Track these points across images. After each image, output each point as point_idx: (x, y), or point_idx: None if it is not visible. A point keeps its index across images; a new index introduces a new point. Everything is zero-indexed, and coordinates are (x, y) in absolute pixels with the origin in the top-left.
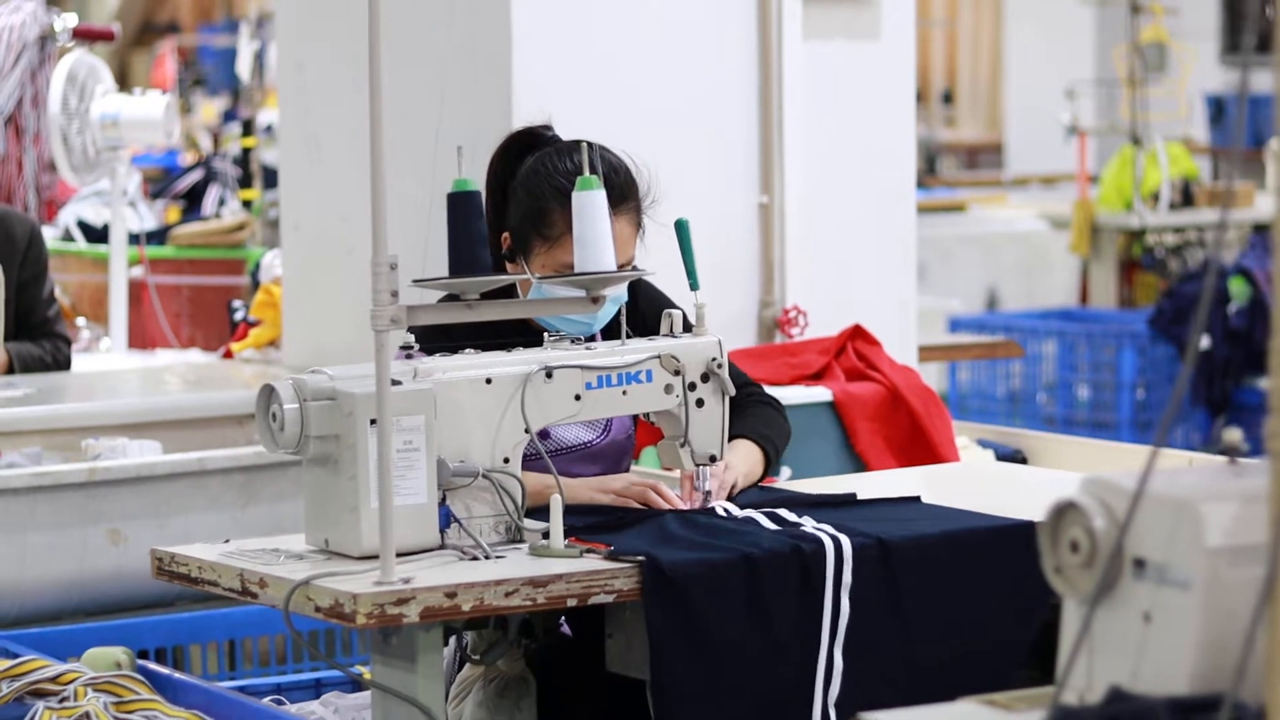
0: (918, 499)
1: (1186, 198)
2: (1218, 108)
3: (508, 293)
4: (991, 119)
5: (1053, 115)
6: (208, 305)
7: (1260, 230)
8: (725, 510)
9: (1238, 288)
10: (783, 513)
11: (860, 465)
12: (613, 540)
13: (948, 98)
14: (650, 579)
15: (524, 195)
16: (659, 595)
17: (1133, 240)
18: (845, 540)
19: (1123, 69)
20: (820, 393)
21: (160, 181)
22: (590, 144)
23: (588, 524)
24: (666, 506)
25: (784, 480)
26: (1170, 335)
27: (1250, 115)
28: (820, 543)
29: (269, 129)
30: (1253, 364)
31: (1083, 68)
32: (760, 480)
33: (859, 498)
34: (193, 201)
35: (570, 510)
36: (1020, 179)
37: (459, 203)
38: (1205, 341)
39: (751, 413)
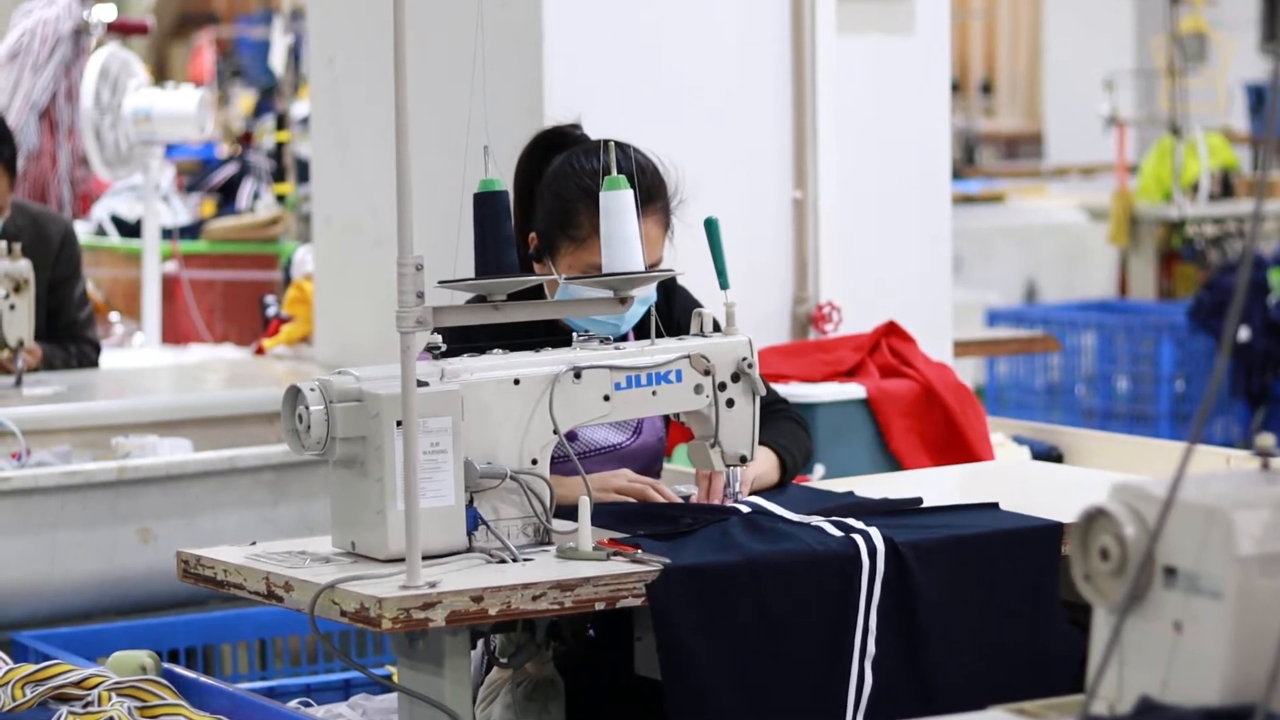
0: (996, 505)
1: (1226, 188)
2: (1258, 97)
3: (535, 293)
4: (1030, 109)
5: (1092, 105)
6: (241, 300)
7: None
8: (789, 517)
9: (1278, 279)
10: (850, 521)
11: (894, 463)
12: (659, 547)
13: (986, 88)
14: (659, 583)
15: (551, 196)
16: (668, 599)
17: (1172, 231)
18: (881, 546)
19: (1162, 59)
20: (854, 390)
21: (197, 174)
22: (618, 143)
23: (653, 531)
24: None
25: (817, 479)
26: (1209, 327)
27: None
28: (857, 551)
29: (304, 122)
30: None
31: (1122, 58)
32: (779, 486)
33: (925, 504)
34: (227, 195)
35: (631, 518)
36: (1059, 169)
37: (485, 203)
38: (1245, 333)
39: (776, 425)
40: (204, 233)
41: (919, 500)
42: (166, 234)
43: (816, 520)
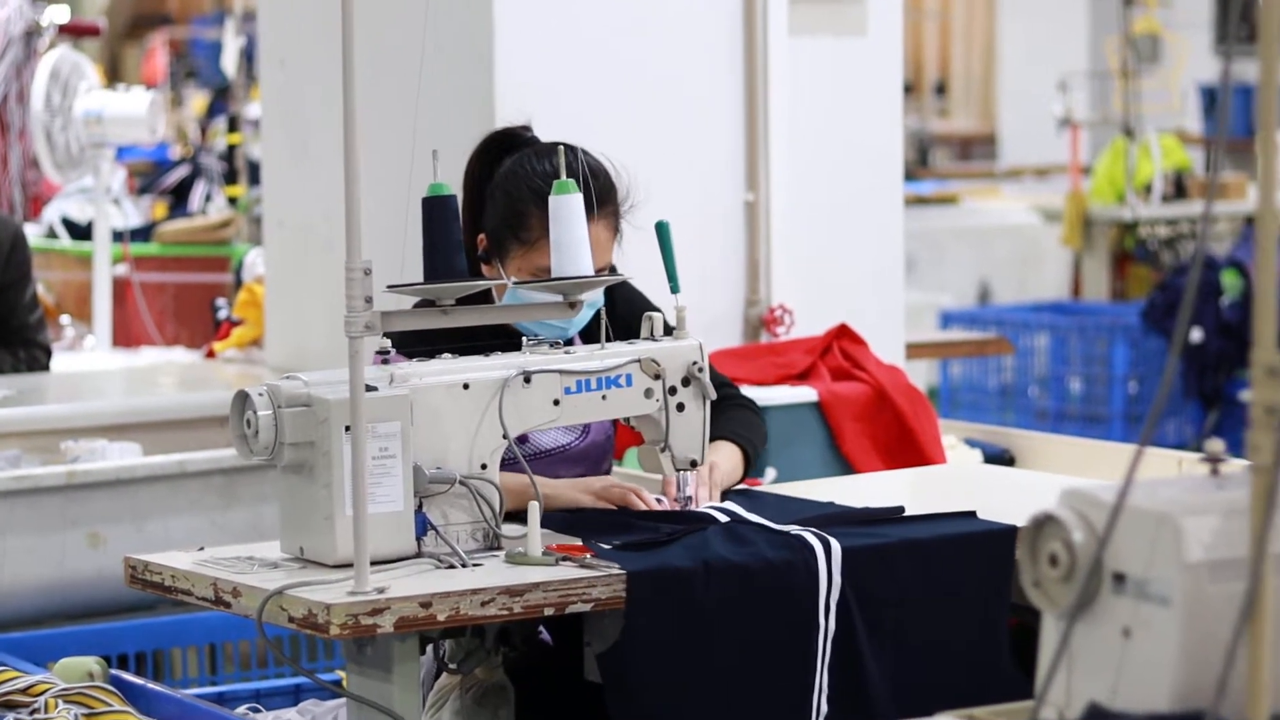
0: (973, 514)
1: (1179, 189)
2: (1211, 99)
3: (485, 296)
4: (985, 110)
5: (1046, 107)
6: (193, 303)
7: (1253, 222)
8: (773, 526)
9: (1230, 280)
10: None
11: (846, 466)
12: (617, 554)
13: (941, 89)
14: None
15: (501, 197)
16: (635, 601)
17: (1125, 233)
18: (837, 552)
19: (1115, 60)
20: (806, 393)
21: (149, 175)
22: (569, 146)
23: (629, 541)
24: (643, 509)
25: (769, 482)
26: (1163, 328)
27: (1243, 105)
28: (814, 556)
29: (256, 124)
30: (1245, 357)
31: (1076, 59)
32: (739, 481)
33: (906, 512)
34: (179, 197)
35: (610, 527)
36: (1013, 170)
37: (434, 207)
38: (1198, 334)
39: (730, 414)
40: (155, 235)
41: (901, 509)
42: (117, 236)
43: (796, 529)
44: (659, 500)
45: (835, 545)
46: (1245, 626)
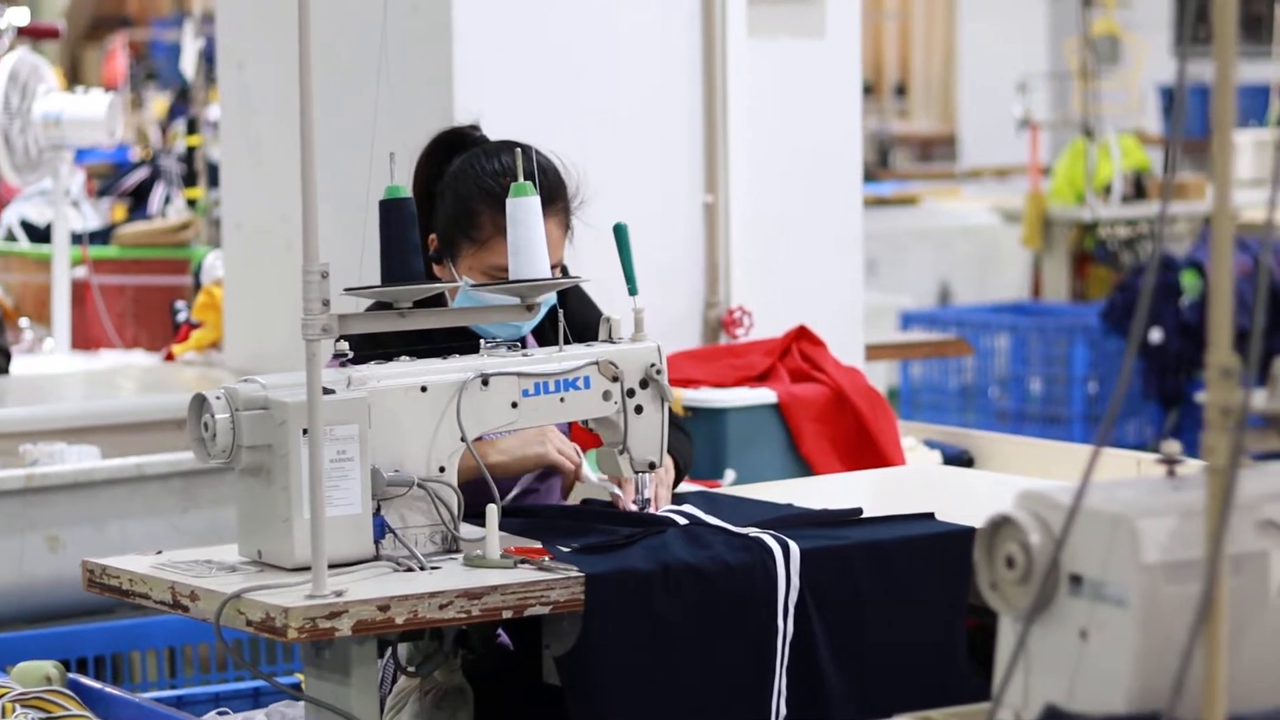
0: (932, 515)
1: (1139, 190)
2: (1170, 99)
3: (441, 298)
4: (945, 111)
5: (1005, 108)
6: (152, 305)
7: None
8: (731, 529)
9: (1190, 281)
10: (785, 534)
11: (805, 468)
12: (577, 556)
13: (901, 90)
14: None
15: (451, 197)
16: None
17: (1085, 233)
18: (795, 554)
19: (1075, 61)
20: (765, 394)
21: (109, 178)
22: (519, 145)
23: (588, 544)
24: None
25: (728, 484)
26: (1122, 329)
27: (1201, 106)
28: (773, 558)
29: (216, 126)
30: (1205, 358)
31: (1036, 60)
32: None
33: (864, 514)
34: (139, 200)
35: (569, 529)
36: (974, 171)
37: (391, 209)
38: (1158, 335)
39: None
40: (114, 238)
41: (859, 511)
42: (77, 239)
43: (755, 532)
44: (615, 492)
45: (794, 547)
46: (1201, 628)
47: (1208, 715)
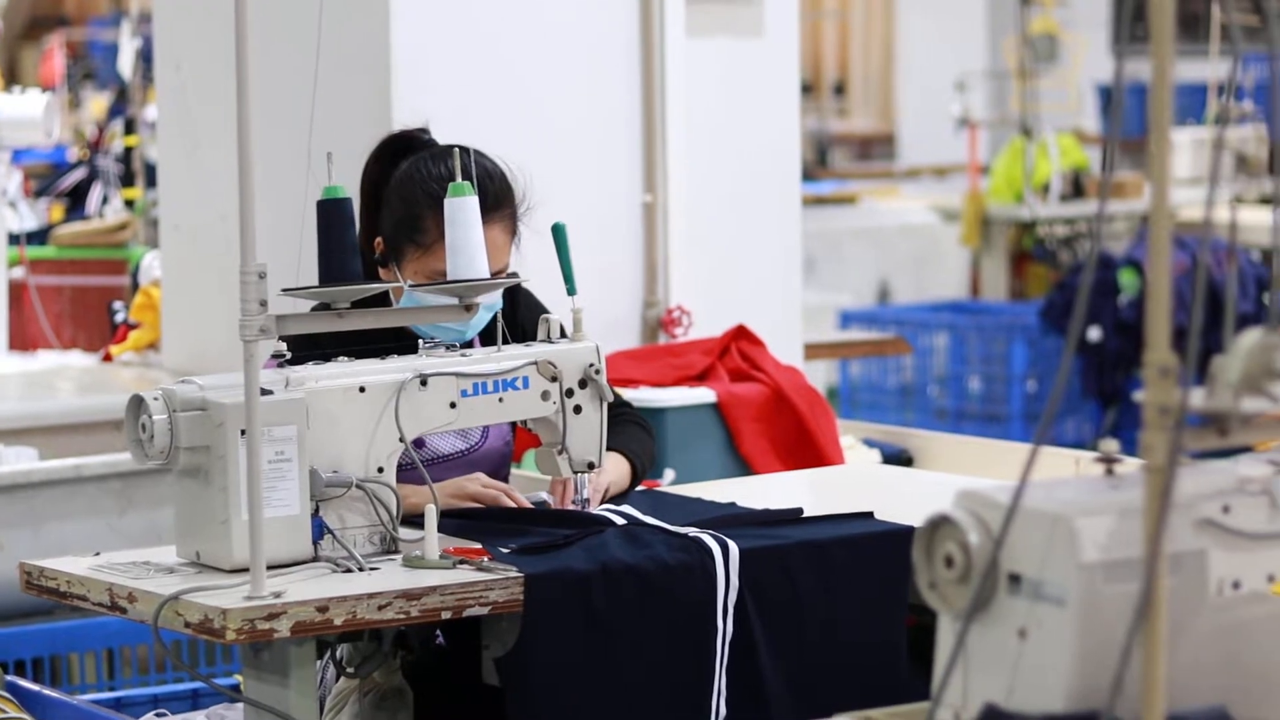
0: (871, 514)
1: (1077, 189)
2: (1108, 98)
3: (380, 300)
4: (884, 110)
5: (944, 106)
6: (90, 306)
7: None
8: (669, 528)
9: (1128, 279)
10: (724, 534)
11: (745, 467)
12: (516, 557)
13: (840, 89)
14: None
15: (397, 201)
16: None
17: (1024, 232)
18: (735, 554)
19: (1013, 60)
20: (704, 394)
21: (47, 178)
22: (465, 148)
23: (526, 544)
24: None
25: (668, 483)
26: (1061, 327)
27: (1139, 105)
28: (712, 558)
29: (154, 126)
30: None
31: (974, 59)
32: (630, 489)
33: (805, 514)
34: (76, 200)
35: (508, 530)
36: (913, 170)
37: (329, 210)
38: (1096, 333)
39: (622, 430)
40: (52, 238)
41: (799, 511)
42: (14, 239)
43: (694, 532)
44: (544, 500)
45: (733, 547)
46: (1140, 626)
47: (1146, 714)
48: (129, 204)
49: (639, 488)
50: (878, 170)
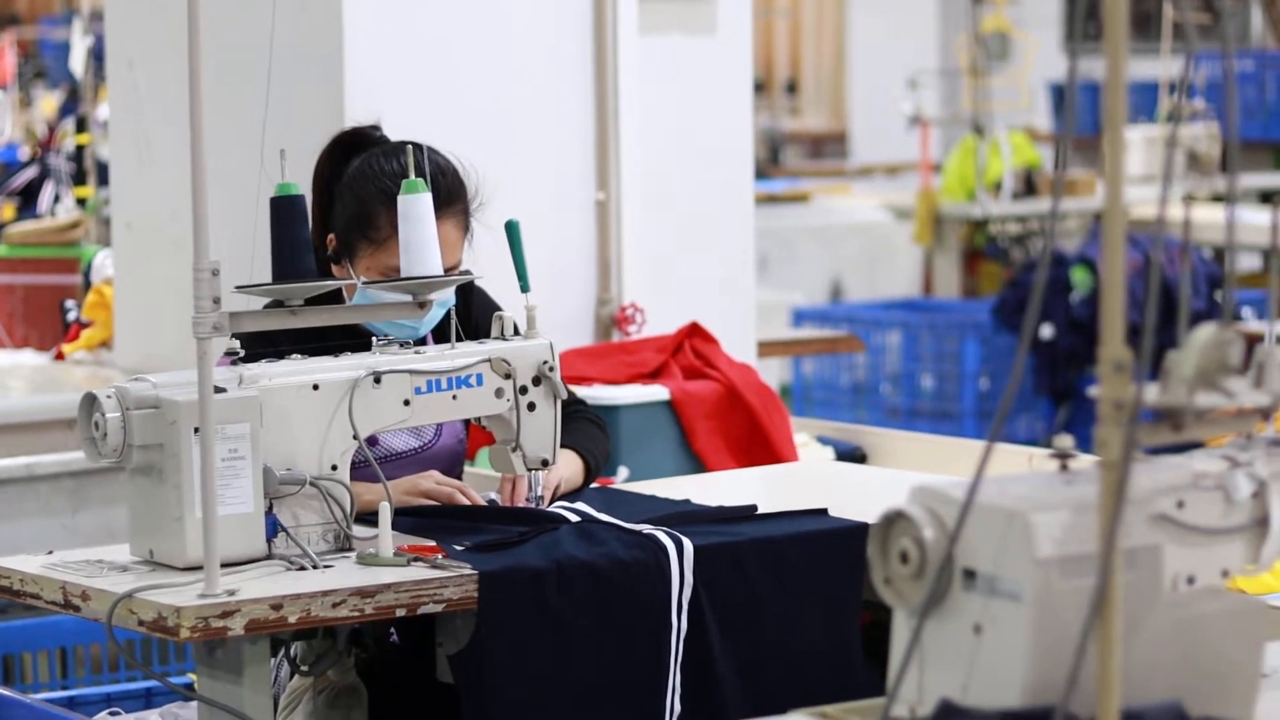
0: (825, 511)
1: (1029, 187)
2: (1060, 96)
3: (334, 297)
4: (835, 109)
5: (896, 104)
6: (42, 305)
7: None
8: (624, 525)
9: (1080, 277)
10: (678, 531)
11: (698, 464)
12: (472, 555)
13: (792, 87)
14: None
15: (350, 197)
16: (485, 602)
17: (976, 230)
18: (688, 549)
19: (965, 58)
20: (657, 391)
21: None
22: (417, 145)
23: (481, 541)
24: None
25: (621, 481)
26: (1013, 325)
27: (1091, 103)
28: (666, 556)
29: (105, 124)
30: (1096, 353)
31: (926, 57)
32: (583, 487)
33: (759, 510)
34: (28, 199)
35: (463, 527)
36: (865, 168)
37: (282, 207)
38: (1049, 331)
39: (577, 427)
40: (3, 237)
41: (754, 508)
42: None
43: (648, 529)
44: (493, 499)
45: (687, 544)
46: (1095, 621)
47: (1102, 709)
48: (81, 202)
49: (593, 485)
50: (830, 168)
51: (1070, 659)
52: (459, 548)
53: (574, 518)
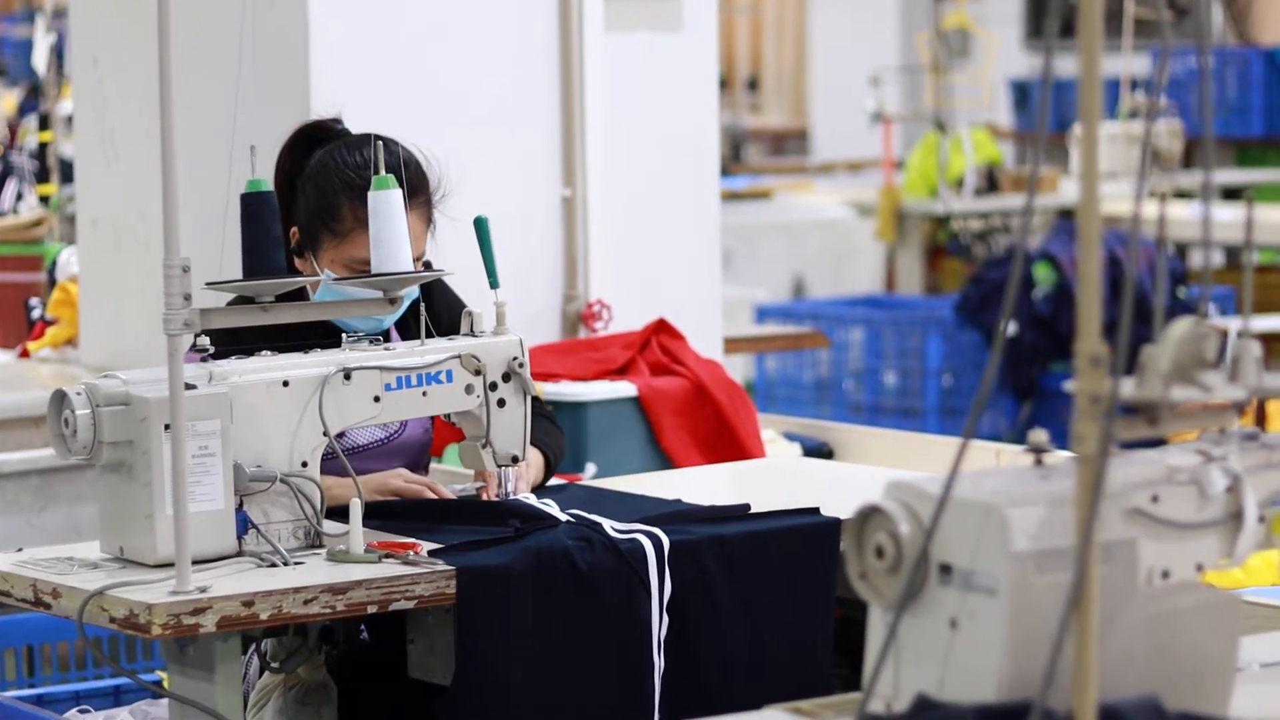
0: (817, 510)
1: (991, 183)
2: (1021, 93)
3: (303, 293)
4: (796, 105)
5: (858, 101)
6: (5, 303)
7: (1065, 215)
8: (613, 526)
9: (1043, 273)
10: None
11: (666, 461)
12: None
13: (753, 84)
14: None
15: (313, 190)
16: (462, 598)
17: (938, 226)
18: (666, 547)
19: (927, 55)
20: (625, 388)
21: None
22: (380, 137)
23: (461, 540)
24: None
25: (589, 477)
26: (976, 321)
27: (1055, 99)
28: (644, 552)
29: (68, 121)
30: (1058, 350)
31: (887, 54)
32: (542, 483)
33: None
34: None
35: (451, 523)
36: (826, 165)
37: (252, 203)
38: (1012, 327)
39: (534, 423)
40: None
41: (746, 506)
42: None
43: (628, 527)
44: (472, 491)
45: (665, 542)
46: (1072, 615)
47: (1078, 703)
48: (44, 200)
49: (561, 483)
50: (791, 165)
51: (1047, 653)
52: (437, 545)
53: (560, 516)
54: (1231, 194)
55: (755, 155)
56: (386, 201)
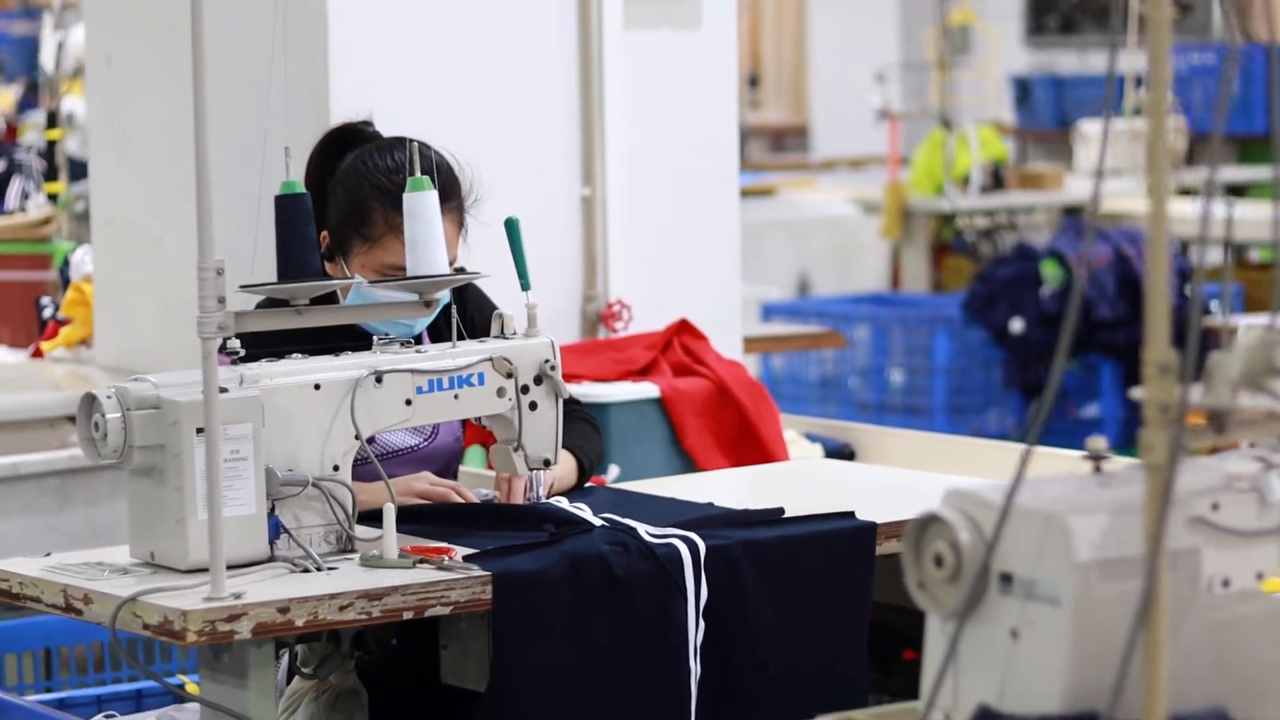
0: (852, 514)
1: (996, 180)
2: (1023, 89)
3: (334, 296)
4: (797, 102)
5: (858, 97)
6: (13, 301)
7: (1071, 213)
8: (648, 531)
9: (1051, 271)
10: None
11: (689, 462)
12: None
13: (753, 81)
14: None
15: (343, 194)
16: (498, 603)
17: (944, 224)
18: (702, 552)
19: (931, 52)
20: (647, 389)
21: None
22: (414, 141)
23: (498, 545)
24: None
25: (612, 479)
26: (982, 319)
27: (1055, 96)
28: (680, 557)
29: (70, 118)
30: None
31: (887, 50)
32: (575, 487)
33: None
34: None
35: (487, 526)
36: (827, 162)
37: (287, 205)
38: (1019, 325)
39: (571, 426)
40: None
41: (780, 510)
42: None
43: (664, 531)
44: (487, 496)
45: (702, 546)
46: (1141, 626)
47: (1147, 715)
48: (52, 198)
49: (590, 484)
50: (792, 162)
51: (1111, 663)
52: (472, 550)
53: (597, 521)
54: (1234, 190)
55: (756, 152)
56: (422, 203)
